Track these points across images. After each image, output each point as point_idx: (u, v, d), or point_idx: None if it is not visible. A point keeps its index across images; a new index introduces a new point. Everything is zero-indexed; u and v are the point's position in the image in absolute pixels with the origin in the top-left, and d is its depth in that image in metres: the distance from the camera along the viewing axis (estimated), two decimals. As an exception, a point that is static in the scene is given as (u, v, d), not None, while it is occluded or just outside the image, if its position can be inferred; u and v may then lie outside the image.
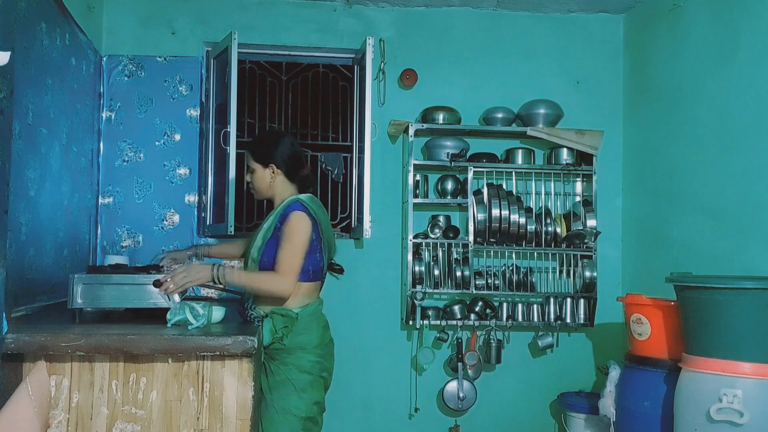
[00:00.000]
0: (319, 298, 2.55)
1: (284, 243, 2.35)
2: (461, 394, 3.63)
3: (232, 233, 3.39)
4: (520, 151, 3.76)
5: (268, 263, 2.42)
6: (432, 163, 3.70)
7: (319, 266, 2.50)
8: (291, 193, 2.53)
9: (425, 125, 3.66)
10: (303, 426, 2.37)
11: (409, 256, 3.62)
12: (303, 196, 2.49)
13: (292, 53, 3.87)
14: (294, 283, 2.35)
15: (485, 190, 3.63)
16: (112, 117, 3.58)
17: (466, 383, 3.64)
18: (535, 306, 3.71)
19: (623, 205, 3.92)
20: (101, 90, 3.56)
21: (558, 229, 3.69)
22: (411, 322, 3.59)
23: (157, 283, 2.32)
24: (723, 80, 3.06)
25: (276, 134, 2.75)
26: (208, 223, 3.70)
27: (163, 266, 2.60)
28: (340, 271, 2.69)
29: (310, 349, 2.42)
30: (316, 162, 3.94)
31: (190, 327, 2.11)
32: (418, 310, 3.56)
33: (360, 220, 3.59)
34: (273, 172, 2.51)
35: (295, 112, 3.97)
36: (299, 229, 2.36)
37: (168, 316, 2.16)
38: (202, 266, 2.34)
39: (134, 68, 3.61)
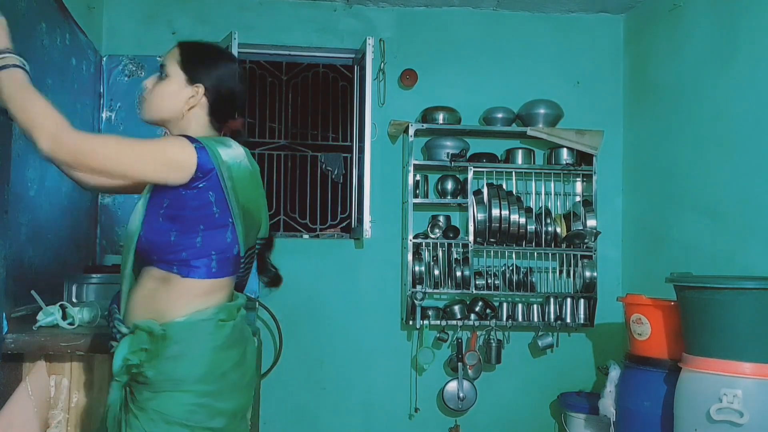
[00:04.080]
0: (226, 300, 1.64)
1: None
2: (461, 394, 3.62)
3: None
4: (520, 151, 3.76)
5: (148, 241, 1.58)
6: (432, 163, 3.70)
7: (229, 253, 1.60)
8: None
9: (425, 125, 3.65)
10: None
11: (409, 256, 3.62)
12: (216, 139, 1.63)
13: (292, 53, 3.87)
14: (72, 149, 1.49)
15: (485, 190, 3.63)
16: (113, 117, 3.58)
17: (466, 383, 3.64)
18: (535, 306, 3.71)
19: (623, 205, 3.92)
20: (101, 90, 3.55)
21: (558, 229, 3.69)
22: (411, 322, 3.59)
23: None
24: (723, 80, 3.05)
25: (225, 53, 1.80)
26: (208, 223, 3.69)
27: None
28: (275, 280, 1.82)
29: (190, 383, 1.53)
30: (316, 162, 3.94)
31: (60, 326, 2.01)
32: (418, 310, 3.55)
33: (360, 220, 3.59)
34: (195, 96, 1.66)
35: (295, 112, 3.97)
36: (164, 144, 1.58)
37: (38, 317, 2.03)
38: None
39: (134, 68, 3.61)
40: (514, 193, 3.67)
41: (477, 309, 3.68)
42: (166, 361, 1.52)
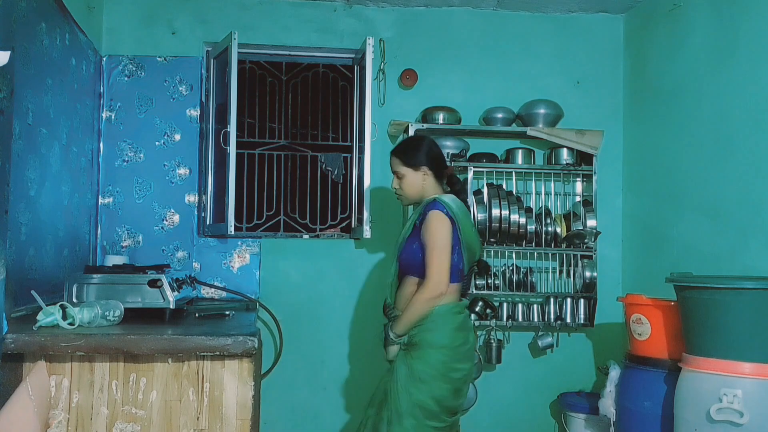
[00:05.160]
0: (457, 301, 2.59)
1: (428, 246, 2.46)
2: (461, 394, 3.62)
3: (232, 233, 3.39)
4: (520, 151, 3.76)
5: (406, 260, 2.58)
6: (432, 163, 3.69)
7: (457, 268, 2.54)
8: (437, 194, 2.61)
9: (425, 125, 3.65)
10: (417, 413, 2.45)
11: (409, 256, 3.61)
12: (444, 196, 2.56)
13: (292, 53, 3.87)
14: (445, 283, 2.44)
15: (485, 190, 3.63)
16: (112, 117, 3.58)
17: (466, 383, 3.64)
18: (535, 306, 3.71)
19: (623, 205, 3.92)
20: (101, 90, 3.56)
21: (558, 229, 3.69)
22: (411, 322, 3.58)
23: (152, 283, 2.34)
24: (723, 80, 3.05)
25: (420, 138, 2.79)
26: (208, 223, 3.70)
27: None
28: (486, 267, 2.93)
29: (437, 348, 2.47)
30: (316, 162, 3.94)
31: (60, 326, 2.03)
32: (418, 310, 3.55)
33: (360, 220, 3.59)
34: (425, 174, 2.60)
35: (295, 112, 3.97)
36: (439, 229, 2.45)
37: (38, 317, 2.05)
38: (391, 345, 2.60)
39: (134, 68, 3.61)
40: (514, 193, 3.67)
41: (477, 309, 3.67)
42: (427, 332, 2.48)
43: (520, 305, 3.71)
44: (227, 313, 2.64)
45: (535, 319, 3.69)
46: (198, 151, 3.66)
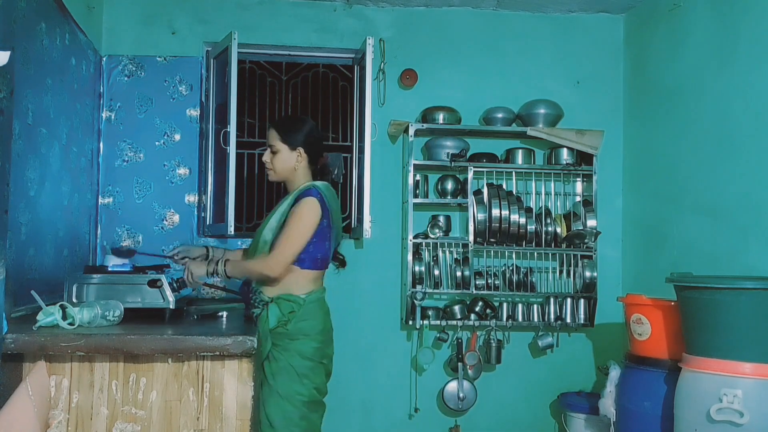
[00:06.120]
0: (323, 286, 2.57)
1: (288, 225, 2.38)
2: (461, 395, 3.62)
3: (232, 233, 3.38)
4: (520, 151, 3.76)
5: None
6: (432, 163, 3.70)
7: (327, 255, 2.51)
8: (308, 180, 2.53)
9: (425, 125, 3.65)
10: (307, 408, 2.40)
11: (409, 256, 3.62)
12: (319, 183, 2.49)
13: (292, 53, 3.87)
14: (285, 265, 2.36)
15: (485, 190, 3.63)
16: (112, 117, 3.58)
17: (466, 383, 3.64)
18: (535, 306, 3.71)
19: (623, 205, 3.92)
20: (101, 90, 3.55)
21: (558, 229, 3.69)
22: (411, 322, 3.59)
23: (152, 283, 2.37)
24: (723, 80, 3.05)
25: (304, 119, 2.67)
26: (208, 223, 3.70)
27: (173, 256, 2.70)
28: (343, 263, 2.71)
29: (313, 336, 2.43)
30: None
31: (59, 326, 2.03)
32: (418, 310, 3.55)
33: (360, 220, 3.59)
34: (299, 156, 2.50)
35: (295, 112, 3.96)
36: (307, 215, 2.37)
37: (38, 317, 2.05)
38: (199, 263, 2.47)
39: (134, 68, 3.61)
40: (514, 193, 3.67)
41: (477, 309, 3.68)
42: (299, 320, 2.41)
43: (520, 305, 3.71)
44: (219, 314, 2.64)
45: (535, 319, 3.69)
46: (198, 151, 3.66)
